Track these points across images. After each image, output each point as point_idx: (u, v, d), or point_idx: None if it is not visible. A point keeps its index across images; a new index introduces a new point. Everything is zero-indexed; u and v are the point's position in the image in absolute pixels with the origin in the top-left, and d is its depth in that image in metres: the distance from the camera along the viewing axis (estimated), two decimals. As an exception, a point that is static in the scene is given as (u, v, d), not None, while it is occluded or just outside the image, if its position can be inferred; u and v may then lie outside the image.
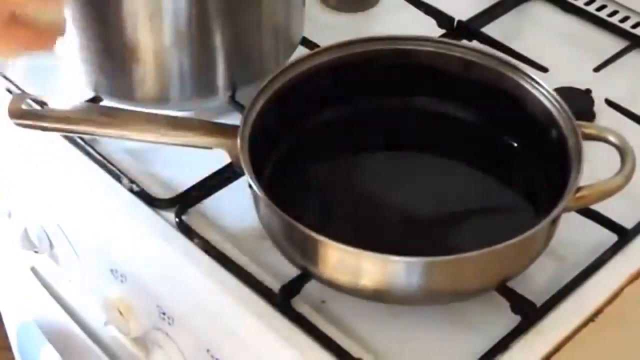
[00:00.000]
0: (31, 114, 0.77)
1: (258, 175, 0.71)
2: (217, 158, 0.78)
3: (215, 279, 0.75)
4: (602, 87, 0.90)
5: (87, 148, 0.83)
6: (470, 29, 0.96)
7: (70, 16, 0.81)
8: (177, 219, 0.78)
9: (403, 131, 0.84)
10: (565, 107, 0.75)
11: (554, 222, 0.70)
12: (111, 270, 0.82)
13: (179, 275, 0.76)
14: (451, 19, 0.97)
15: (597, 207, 0.75)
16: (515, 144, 0.81)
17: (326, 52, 0.80)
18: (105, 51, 0.81)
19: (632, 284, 0.74)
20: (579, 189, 0.70)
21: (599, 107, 0.88)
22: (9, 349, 1.22)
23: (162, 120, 0.77)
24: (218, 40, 0.81)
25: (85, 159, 0.83)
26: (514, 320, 0.71)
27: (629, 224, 0.77)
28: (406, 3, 0.99)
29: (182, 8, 0.78)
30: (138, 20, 0.79)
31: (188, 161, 0.82)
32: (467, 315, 0.72)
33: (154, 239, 0.78)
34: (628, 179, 0.71)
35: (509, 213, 0.77)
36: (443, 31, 0.96)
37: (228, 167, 0.78)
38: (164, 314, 0.79)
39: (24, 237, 0.92)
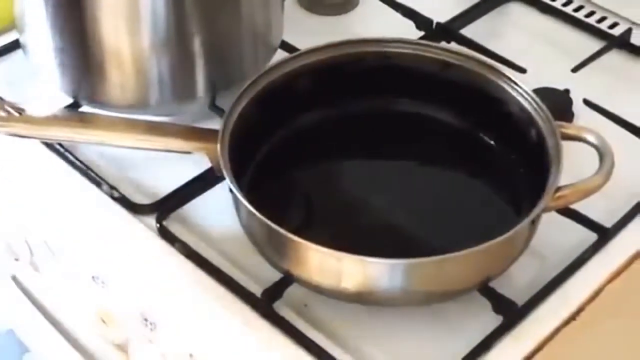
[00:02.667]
0: (9, 120, 0.76)
1: (239, 179, 0.71)
2: (198, 163, 0.78)
3: (197, 284, 0.74)
4: (580, 87, 0.91)
5: (67, 154, 0.83)
6: (448, 30, 0.96)
7: (47, 22, 0.81)
8: (158, 225, 0.78)
9: (383, 133, 0.84)
10: (544, 107, 0.75)
11: (534, 222, 0.70)
12: (92, 277, 0.82)
13: (160, 281, 0.76)
14: (429, 20, 0.97)
15: (577, 206, 0.75)
16: (495, 145, 0.81)
17: (306, 55, 0.81)
18: (83, 57, 0.81)
19: (613, 282, 0.74)
20: (558, 189, 0.70)
21: (578, 107, 0.89)
22: (-9, 357, 1.21)
23: (142, 125, 0.77)
24: (197, 44, 0.81)
25: (65, 165, 0.83)
26: (496, 320, 0.71)
27: (608, 223, 0.78)
28: (384, 5, 1.00)
29: (160, 13, 0.78)
30: (116, 25, 0.79)
31: (168, 166, 0.82)
32: (449, 316, 0.72)
33: (135, 245, 0.78)
34: (607, 178, 0.71)
35: (490, 213, 0.77)
36: (422, 33, 0.96)
37: (209, 171, 0.78)
38: (146, 319, 0.78)
39: (4, 245, 0.92)
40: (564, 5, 1.02)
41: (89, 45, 0.80)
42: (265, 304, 0.72)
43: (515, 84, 0.78)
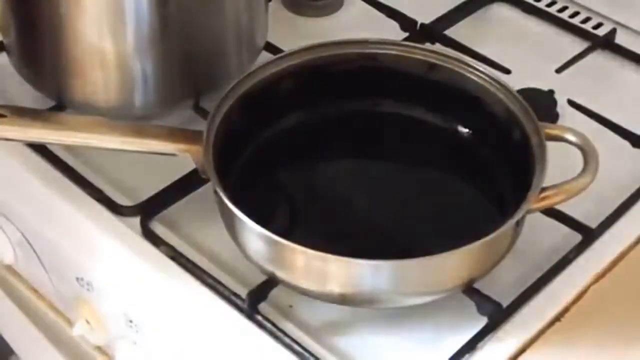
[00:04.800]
0: (-7, 123, 0.76)
1: (223, 180, 0.71)
2: (183, 164, 0.78)
3: (182, 285, 0.74)
4: (564, 88, 0.91)
5: (51, 156, 0.83)
6: (432, 31, 0.96)
7: (30, 24, 0.80)
8: (142, 226, 0.78)
9: (368, 134, 0.84)
10: (529, 108, 0.75)
11: (519, 223, 0.70)
12: (77, 279, 0.81)
13: (145, 283, 0.76)
14: (414, 22, 0.97)
15: (561, 206, 0.75)
16: (480, 146, 0.81)
17: (290, 57, 0.80)
18: (66, 59, 0.81)
19: (597, 283, 0.74)
20: (543, 190, 0.70)
21: (562, 107, 0.89)
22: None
23: (126, 127, 0.77)
24: (181, 46, 0.81)
25: (49, 167, 0.83)
26: (481, 321, 0.71)
27: (593, 224, 0.78)
28: (369, 7, 1.00)
29: (144, 14, 0.78)
30: (100, 27, 0.79)
31: (153, 167, 0.81)
32: (434, 317, 0.72)
33: (120, 247, 0.77)
34: (591, 178, 0.71)
35: (474, 214, 0.77)
36: (406, 34, 0.96)
37: (193, 173, 0.78)
38: (130, 321, 0.78)
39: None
40: (548, 5, 1.02)
41: (72, 48, 0.80)
42: (250, 306, 0.72)
43: (500, 84, 0.78)
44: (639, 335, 0.72)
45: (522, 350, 0.70)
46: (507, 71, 0.91)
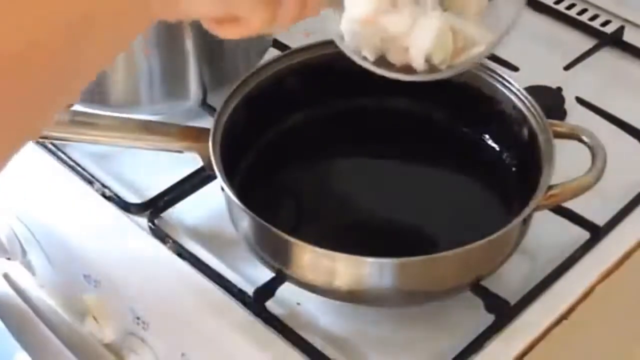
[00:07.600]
0: (1, 119, 0.76)
1: (230, 178, 0.71)
2: (190, 162, 0.78)
3: (189, 282, 0.74)
4: (572, 85, 0.91)
5: (59, 153, 0.83)
6: (441, 28, 0.96)
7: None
8: (149, 223, 0.78)
9: (375, 131, 0.84)
10: (536, 105, 0.75)
11: (526, 220, 0.70)
12: (84, 276, 0.81)
13: (152, 280, 0.76)
14: (422, 18, 0.97)
15: (569, 204, 0.75)
16: (487, 143, 0.81)
17: (298, 54, 0.80)
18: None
19: (604, 282, 0.74)
20: (550, 188, 0.70)
21: (570, 105, 0.89)
22: (-17, 356, 1.21)
23: (134, 124, 0.77)
24: (188, 42, 0.81)
25: (57, 164, 0.83)
26: (488, 319, 0.71)
27: (600, 222, 0.78)
28: (377, 3, 0.99)
29: (151, 11, 0.78)
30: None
31: (160, 165, 0.82)
32: (441, 315, 0.72)
33: (127, 244, 0.78)
34: (599, 176, 0.71)
35: (482, 212, 0.77)
36: (414, 31, 0.96)
37: (200, 170, 0.78)
38: (138, 318, 0.78)
39: (-4, 244, 0.92)
40: (556, 3, 1.02)
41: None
42: (257, 303, 0.72)
43: (508, 82, 0.78)
44: (647, 333, 0.72)
45: (529, 348, 0.70)
46: (515, 68, 0.91)
